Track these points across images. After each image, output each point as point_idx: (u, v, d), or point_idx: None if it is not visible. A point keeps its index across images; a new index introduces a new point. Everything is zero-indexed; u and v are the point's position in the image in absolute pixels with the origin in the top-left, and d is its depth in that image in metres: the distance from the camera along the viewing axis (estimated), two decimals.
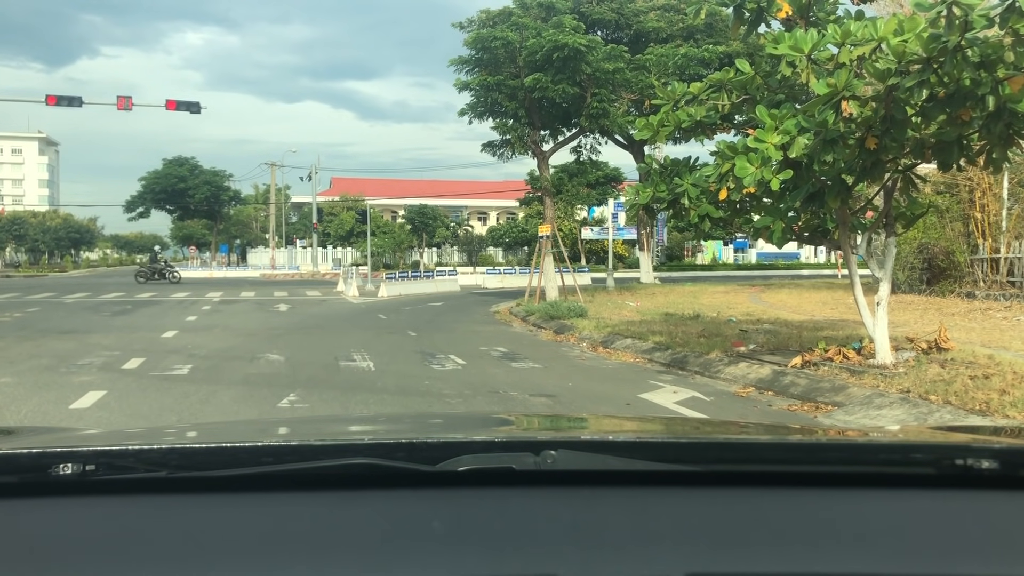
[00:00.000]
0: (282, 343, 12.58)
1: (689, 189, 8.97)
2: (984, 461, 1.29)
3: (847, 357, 8.79)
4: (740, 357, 9.95)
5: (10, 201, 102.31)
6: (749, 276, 41.14)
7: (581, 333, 13.46)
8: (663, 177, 9.37)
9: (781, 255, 67.44)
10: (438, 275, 31.10)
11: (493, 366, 10.46)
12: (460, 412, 7.05)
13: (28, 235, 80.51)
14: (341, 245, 61.83)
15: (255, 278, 46.28)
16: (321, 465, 1.25)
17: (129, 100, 26.82)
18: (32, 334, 13.53)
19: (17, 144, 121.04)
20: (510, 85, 18.47)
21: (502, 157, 20.79)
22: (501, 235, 60.56)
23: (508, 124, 18.99)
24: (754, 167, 7.26)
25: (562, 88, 17.52)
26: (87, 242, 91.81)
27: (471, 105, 19.55)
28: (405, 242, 60.02)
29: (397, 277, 28.44)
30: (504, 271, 36.31)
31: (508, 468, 1.24)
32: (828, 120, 6.91)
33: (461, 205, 73.69)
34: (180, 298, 25.20)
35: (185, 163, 63.71)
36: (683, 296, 21.43)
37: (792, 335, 11.56)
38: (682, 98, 8.64)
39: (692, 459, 1.35)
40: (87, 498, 1.22)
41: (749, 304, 19.09)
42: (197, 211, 66.05)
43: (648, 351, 11.25)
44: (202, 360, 10.49)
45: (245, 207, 76.85)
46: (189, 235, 78.49)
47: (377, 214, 58.39)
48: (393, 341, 13.16)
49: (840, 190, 7.83)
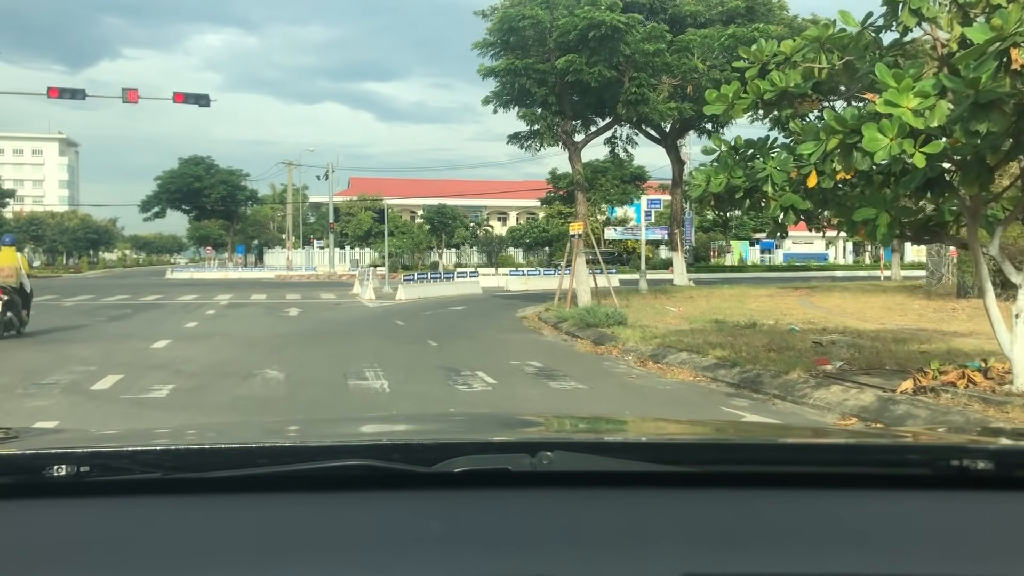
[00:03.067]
0: (285, 355, 11.03)
1: (774, 174, 7.27)
2: (980, 462, 1.28)
3: (973, 382, 7.07)
4: (828, 378, 8.27)
5: (31, 202, 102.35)
6: (785, 278, 39.25)
7: (625, 344, 11.79)
8: (738, 160, 7.72)
9: (811, 256, 65.36)
10: (459, 277, 29.53)
11: (528, 386, 8.85)
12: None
13: (46, 236, 79.86)
14: (359, 245, 60.53)
15: (269, 279, 44.92)
16: (317, 467, 1.24)
17: (135, 92, 25.49)
18: (7, 344, 12.07)
19: (38, 145, 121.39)
20: (539, 69, 16.76)
21: (529, 150, 19.11)
22: (521, 235, 59.02)
23: (536, 113, 17.26)
24: (888, 138, 5.56)
25: (598, 71, 15.78)
26: (105, 243, 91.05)
27: (496, 92, 17.87)
28: (424, 243, 58.58)
29: (416, 279, 26.88)
30: (528, 272, 34.64)
31: (504, 469, 1.23)
32: (982, 77, 5.23)
33: (480, 205, 72.37)
34: (186, 301, 23.77)
35: (201, 162, 62.62)
36: (726, 300, 19.69)
37: (880, 349, 9.85)
38: (772, 59, 6.96)
39: (688, 460, 1.34)
40: (82, 499, 1.21)
41: (802, 309, 17.35)
42: (213, 211, 64.98)
43: (710, 368, 9.58)
44: (188, 378, 8.95)
45: (262, 207, 75.78)
46: (206, 235, 77.50)
47: (395, 214, 56.89)
48: (411, 352, 11.57)
49: (980, 172, 6.14)
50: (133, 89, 25.42)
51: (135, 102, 25.12)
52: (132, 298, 23.05)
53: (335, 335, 14.10)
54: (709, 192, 7.68)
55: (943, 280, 23.24)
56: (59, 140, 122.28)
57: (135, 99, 25.09)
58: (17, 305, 13.02)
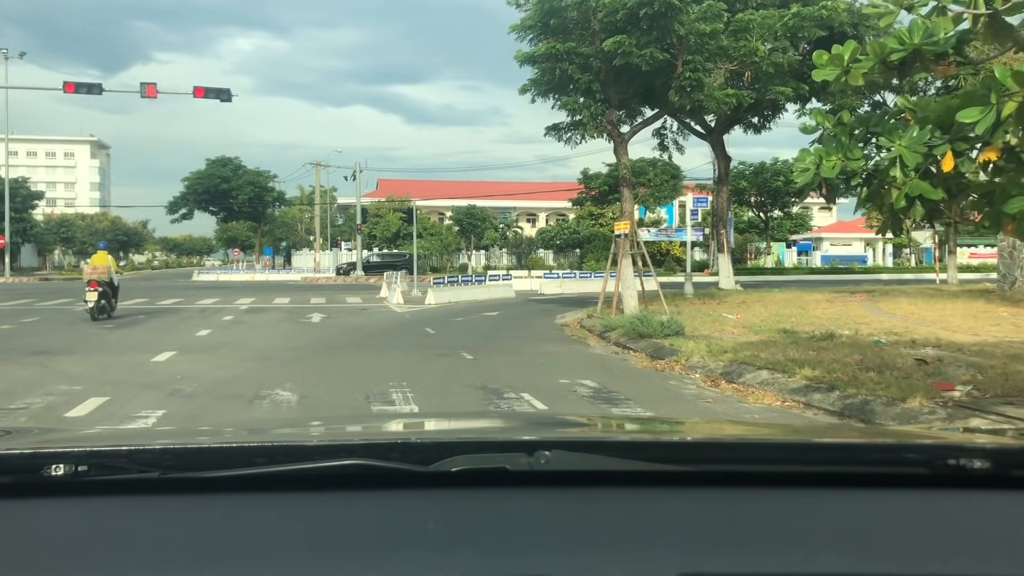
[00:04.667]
0: (301, 371, 9.66)
1: (905, 155, 5.72)
2: (976, 461, 1.28)
3: None
4: (960, 407, 6.69)
5: (62, 204, 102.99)
6: (832, 281, 37.30)
7: (689, 359, 10.25)
8: (853, 140, 6.19)
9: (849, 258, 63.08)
10: (491, 280, 28.04)
11: (587, 413, 7.37)
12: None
13: (76, 237, 79.90)
14: (387, 247, 59.42)
15: (295, 282, 43.85)
16: (315, 466, 1.23)
17: (153, 87, 24.43)
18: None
19: (70, 148, 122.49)
20: (583, 53, 15.21)
21: (570, 143, 17.57)
22: (552, 237, 57.52)
23: (579, 102, 15.73)
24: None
25: (649, 53, 14.18)
26: (135, 244, 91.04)
27: (534, 80, 16.35)
28: (452, 244, 57.29)
29: (446, 282, 25.44)
30: (563, 275, 33.04)
31: (502, 468, 1.22)
32: None
33: (509, 206, 71.15)
34: (204, 306, 22.59)
35: (228, 163, 61.89)
36: (784, 306, 18.02)
37: (1004, 370, 8.22)
38: (918, 2, 5.42)
39: (685, 459, 1.34)
40: (80, 499, 1.21)
41: (875, 317, 15.67)
42: (241, 212, 64.22)
43: (800, 391, 8.03)
44: (184, 401, 7.60)
45: (290, 209, 75.06)
46: (234, 237, 76.94)
47: (424, 215, 55.64)
48: (444, 368, 10.14)
49: None
50: (151, 84, 24.37)
51: (154, 96, 24.09)
52: (149, 302, 21.91)
53: (360, 345, 12.70)
54: (821, 177, 6.15)
55: (1016, 284, 21.42)
56: (90, 143, 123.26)
57: (153, 94, 24.04)
58: (108, 295, 16.85)
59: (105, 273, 16.62)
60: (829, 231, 72.05)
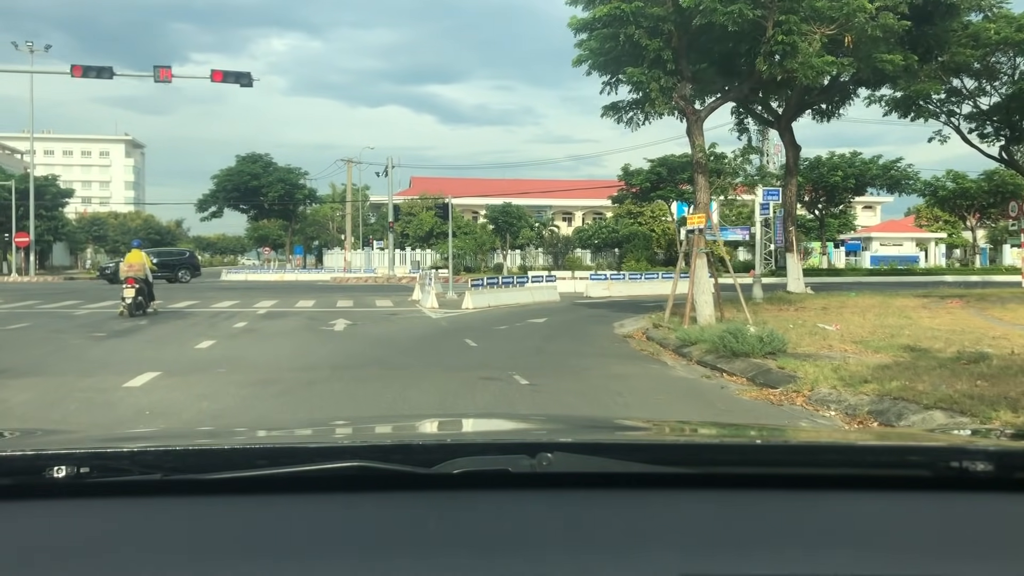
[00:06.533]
0: (309, 403, 7.43)
1: None
2: (979, 463, 1.26)
3: None
4: None
5: (97, 202, 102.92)
6: (898, 284, 34.44)
7: (815, 390, 7.82)
8: None
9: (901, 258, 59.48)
10: (533, 281, 25.73)
11: None
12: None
13: (108, 236, 79.26)
14: (420, 246, 57.45)
15: (324, 282, 41.92)
16: (316, 468, 1.21)
17: (168, 71, 22.58)
18: None
19: (105, 147, 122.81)
20: (652, 15, 12.80)
21: (631, 123, 15.17)
22: (589, 236, 55.10)
23: (647, 72, 13.27)
24: None
25: (738, 9, 11.77)
26: (169, 243, 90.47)
27: (592, 50, 13.98)
28: (487, 243, 55.07)
29: (484, 284, 23.13)
30: (611, 276, 30.60)
31: (504, 470, 1.21)
32: None
33: (545, 205, 68.93)
34: (218, 309, 20.54)
35: (258, 160, 60.35)
36: (881, 314, 15.42)
37: None
38: None
39: (687, 461, 1.31)
40: (81, 500, 1.19)
41: (994, 327, 13.11)
42: (271, 211, 62.69)
43: None
44: None
45: (322, 207, 73.50)
46: (265, 236, 75.59)
47: (458, 214, 53.37)
48: (495, 399, 7.83)
49: None
50: (167, 67, 22.56)
51: (169, 80, 22.30)
52: (160, 305, 19.90)
53: (387, 365, 10.41)
54: None
55: None
56: (125, 142, 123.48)
57: (168, 76, 22.18)
58: (144, 292, 17.25)
59: (141, 271, 17.02)
60: (878, 231, 68.69)
